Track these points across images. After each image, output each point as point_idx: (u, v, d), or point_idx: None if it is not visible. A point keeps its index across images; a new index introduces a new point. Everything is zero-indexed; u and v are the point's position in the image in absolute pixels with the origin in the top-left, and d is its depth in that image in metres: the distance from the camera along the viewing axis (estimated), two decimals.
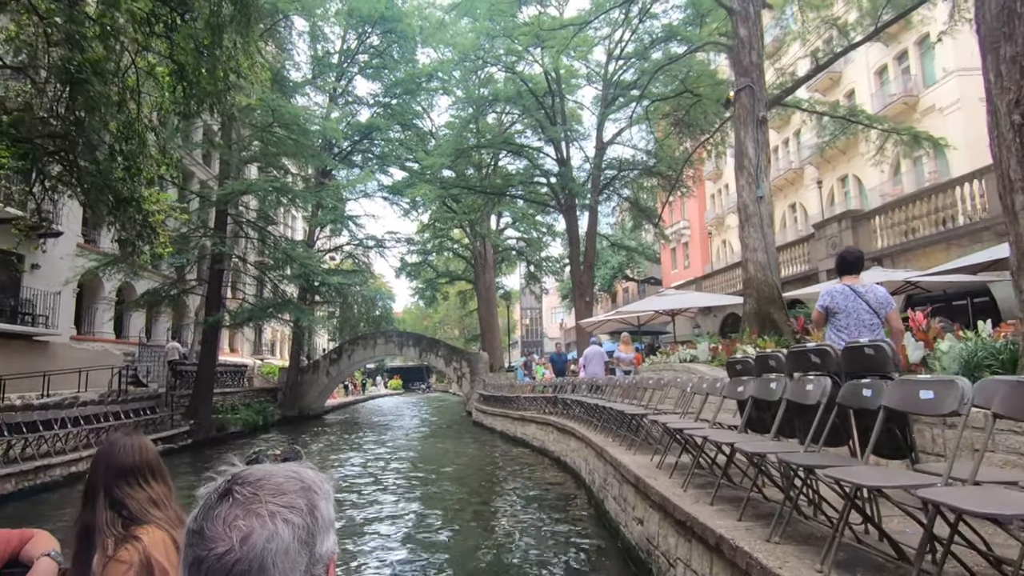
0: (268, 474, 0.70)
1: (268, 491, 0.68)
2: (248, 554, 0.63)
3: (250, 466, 0.72)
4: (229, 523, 0.64)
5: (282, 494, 0.68)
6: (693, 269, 45.44)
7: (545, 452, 13.57)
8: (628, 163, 26.01)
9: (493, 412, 19.28)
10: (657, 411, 6.89)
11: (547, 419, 13.45)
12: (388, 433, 22.12)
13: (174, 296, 18.48)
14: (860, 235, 16.09)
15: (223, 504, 0.66)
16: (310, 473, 0.73)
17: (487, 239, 35.88)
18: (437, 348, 29.06)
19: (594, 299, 29.22)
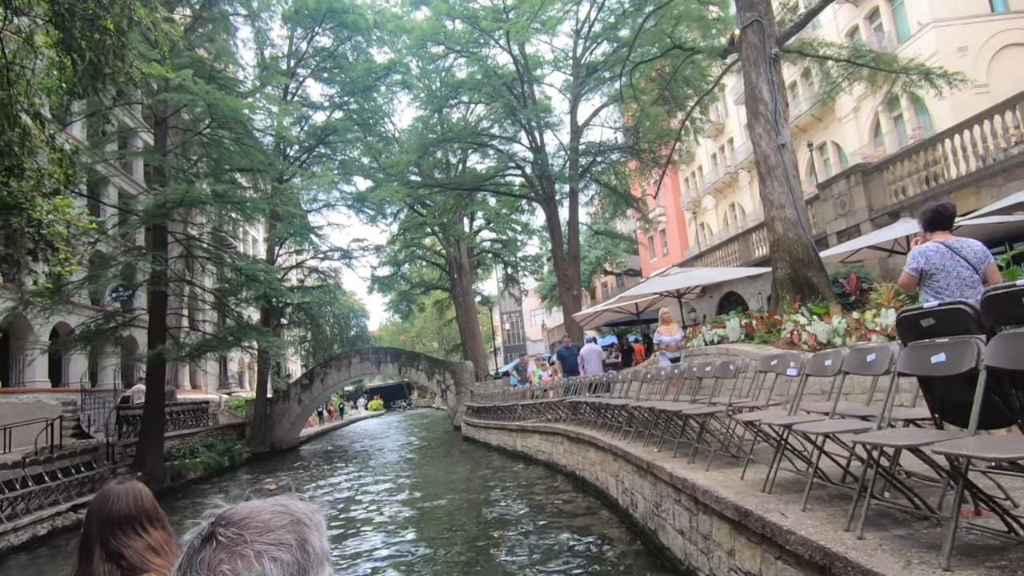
0: (253, 511, 0.65)
1: (254, 530, 0.63)
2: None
3: (235, 505, 0.66)
4: (213, 568, 0.60)
5: (269, 531, 0.63)
6: (673, 256, 44.16)
7: (553, 466, 11.56)
8: (606, 146, 24.28)
9: (486, 425, 17.21)
10: (733, 407, 4.96)
11: (553, 428, 11.45)
12: (371, 460, 19.82)
13: (109, 332, 15.91)
14: (873, 190, 14.57)
15: (206, 548, 0.62)
16: (299, 505, 0.68)
17: (461, 242, 33.84)
18: (417, 361, 26.81)
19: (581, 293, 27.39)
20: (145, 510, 1.65)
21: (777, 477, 4.13)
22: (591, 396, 10.75)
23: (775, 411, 4.51)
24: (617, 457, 7.54)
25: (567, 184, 24.68)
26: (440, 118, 25.91)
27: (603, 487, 8.54)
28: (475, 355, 31.68)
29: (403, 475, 14.83)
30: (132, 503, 1.64)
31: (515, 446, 14.37)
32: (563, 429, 10.78)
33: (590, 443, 9.16)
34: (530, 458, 13.13)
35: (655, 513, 5.86)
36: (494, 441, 16.32)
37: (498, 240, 39.51)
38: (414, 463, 16.97)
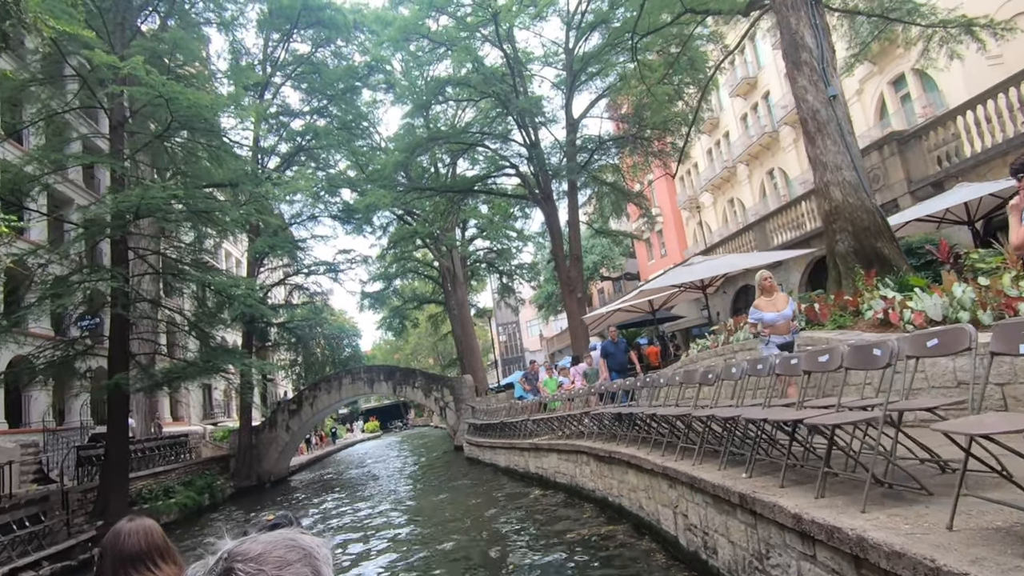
0: (267, 547, 0.65)
1: (272, 564, 0.63)
2: None
3: (244, 540, 0.66)
4: None
5: (288, 565, 0.64)
6: (672, 256, 42.74)
7: (578, 492, 9.74)
8: (605, 139, 22.72)
9: (492, 444, 15.35)
10: (894, 410, 3.22)
11: (575, 445, 9.65)
12: (367, 489, 17.85)
13: (69, 363, 13.96)
14: (912, 160, 13.02)
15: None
16: (307, 539, 0.68)
17: (454, 251, 32.11)
18: (413, 379, 24.89)
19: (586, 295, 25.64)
20: (156, 546, 1.65)
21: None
22: (615, 407, 9.00)
23: (983, 418, 2.79)
24: (676, 483, 5.78)
25: (565, 181, 23.12)
26: (427, 119, 24.35)
27: (651, 519, 6.76)
28: (473, 369, 29.81)
29: (401, 508, 12.91)
30: (143, 540, 1.64)
31: (528, 467, 12.53)
32: (588, 447, 8.99)
33: (629, 464, 7.38)
34: (548, 481, 11.29)
35: (759, 569, 4.09)
36: (502, 462, 14.45)
37: (492, 249, 37.86)
38: (413, 493, 15.05)
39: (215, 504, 18.97)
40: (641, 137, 20.60)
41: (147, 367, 14.59)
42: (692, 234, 42.94)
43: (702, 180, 39.83)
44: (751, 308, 5.57)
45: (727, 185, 37.74)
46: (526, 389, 14.80)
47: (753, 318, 6.00)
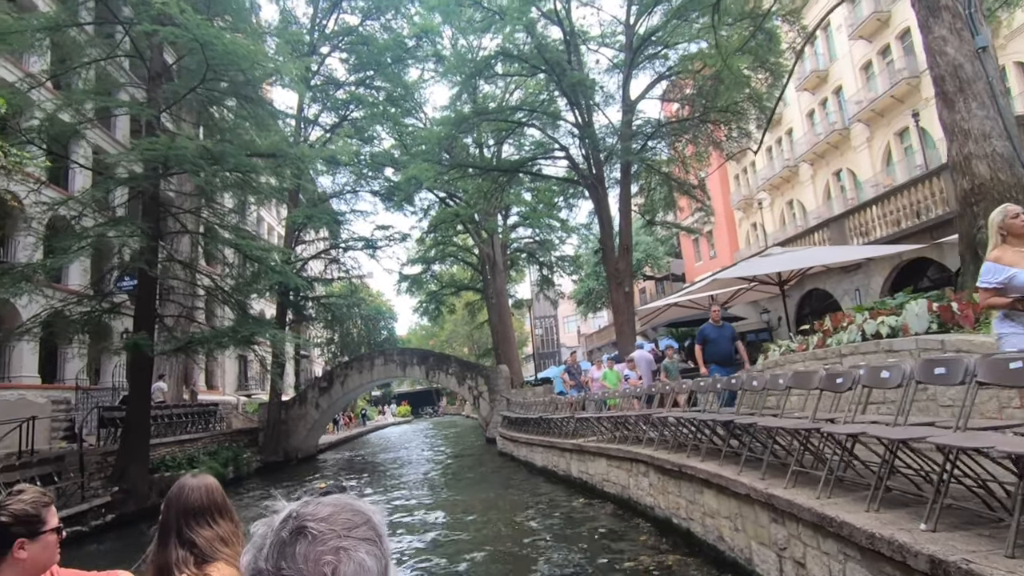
0: (336, 510, 0.66)
1: (342, 525, 0.64)
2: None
3: (307, 503, 0.67)
4: (314, 560, 0.60)
5: (355, 527, 0.65)
6: (721, 259, 40.56)
7: (631, 506, 8.33)
8: (667, 122, 20.98)
9: (528, 441, 14.04)
10: None
11: (632, 452, 8.23)
12: (395, 477, 16.85)
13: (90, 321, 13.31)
14: None
15: (300, 542, 0.62)
16: (366, 504, 0.70)
17: (495, 237, 30.85)
18: (447, 365, 23.77)
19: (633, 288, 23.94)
20: (216, 503, 1.74)
21: None
22: (709, 413, 7.56)
23: None
24: (788, 519, 4.33)
25: (616, 168, 21.57)
26: (474, 99, 23.08)
27: (739, 557, 5.31)
28: (509, 360, 28.57)
29: (430, 504, 11.75)
30: (204, 496, 1.73)
31: (569, 471, 11.16)
32: (649, 455, 7.56)
33: (707, 483, 5.95)
34: (593, 489, 9.90)
35: None
36: (539, 461, 13.12)
37: (533, 239, 36.49)
38: (442, 487, 13.89)
39: (239, 478, 18.29)
40: (706, 120, 18.77)
41: (171, 329, 13.81)
42: (745, 236, 40.62)
43: (759, 179, 37.49)
44: (986, 264, 3.49)
45: (787, 185, 35.34)
46: (570, 385, 13.38)
47: (1000, 278, 3.38)
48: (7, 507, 1.62)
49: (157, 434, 16.21)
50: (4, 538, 1.58)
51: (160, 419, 16.67)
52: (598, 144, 20.52)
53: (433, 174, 18.89)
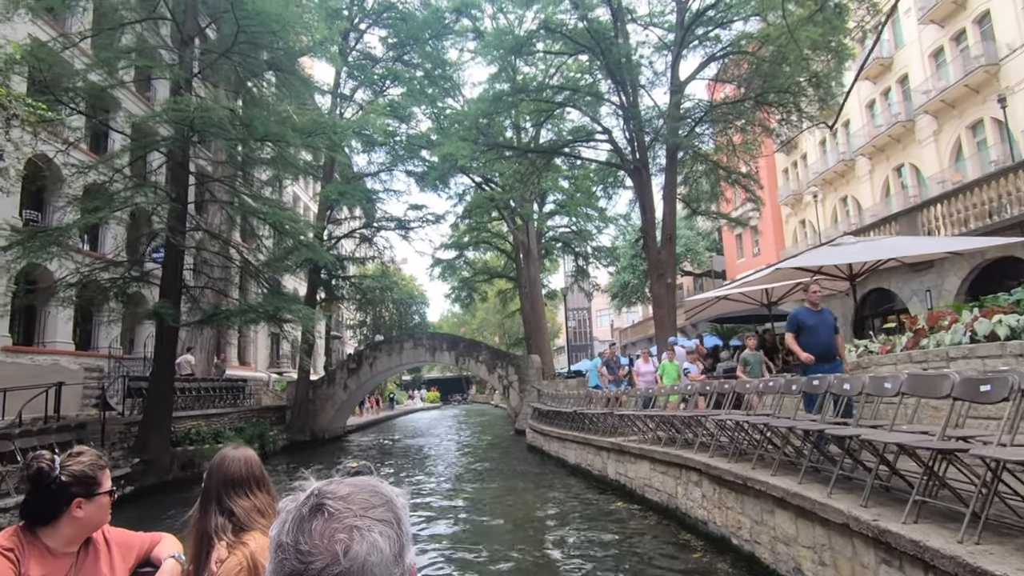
0: (355, 489, 0.67)
1: (359, 505, 0.65)
2: (350, 567, 0.60)
3: (331, 481, 0.69)
4: (328, 537, 0.62)
5: (373, 507, 0.66)
6: (765, 256, 38.64)
7: (679, 517, 7.33)
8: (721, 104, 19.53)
9: (561, 436, 13.10)
10: None
11: (683, 457, 7.20)
12: (420, 463, 16.21)
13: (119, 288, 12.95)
14: None
15: (317, 518, 0.63)
16: (388, 487, 0.71)
17: (530, 223, 29.86)
18: (477, 352, 22.99)
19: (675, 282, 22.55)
20: (254, 475, 1.79)
21: None
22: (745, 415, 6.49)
23: None
24: (928, 570, 3.29)
25: (663, 148, 20.27)
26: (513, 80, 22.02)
27: None
28: (541, 351, 27.66)
29: (456, 497, 10.97)
30: (244, 467, 1.78)
31: (606, 471, 10.18)
32: (704, 463, 6.53)
33: (782, 502, 4.91)
34: (633, 494, 8.91)
35: None
36: (572, 458, 12.17)
37: (570, 227, 35.38)
38: (467, 480, 13.10)
39: (265, 455, 17.87)
40: (763, 102, 17.26)
41: (198, 300, 13.34)
42: (792, 233, 38.61)
43: (810, 174, 35.39)
44: None
45: (841, 181, 33.20)
46: (608, 379, 12.32)
47: None
48: (67, 467, 1.66)
49: (183, 407, 15.93)
50: (64, 496, 1.63)
51: (187, 392, 16.40)
52: (643, 126, 19.27)
53: (469, 152, 17.98)
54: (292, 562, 0.62)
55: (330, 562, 0.60)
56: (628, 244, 42.25)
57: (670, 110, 18.51)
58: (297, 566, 0.61)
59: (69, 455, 1.72)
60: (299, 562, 0.61)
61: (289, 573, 0.61)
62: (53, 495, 1.63)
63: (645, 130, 19.06)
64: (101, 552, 1.75)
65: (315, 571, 0.60)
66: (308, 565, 0.61)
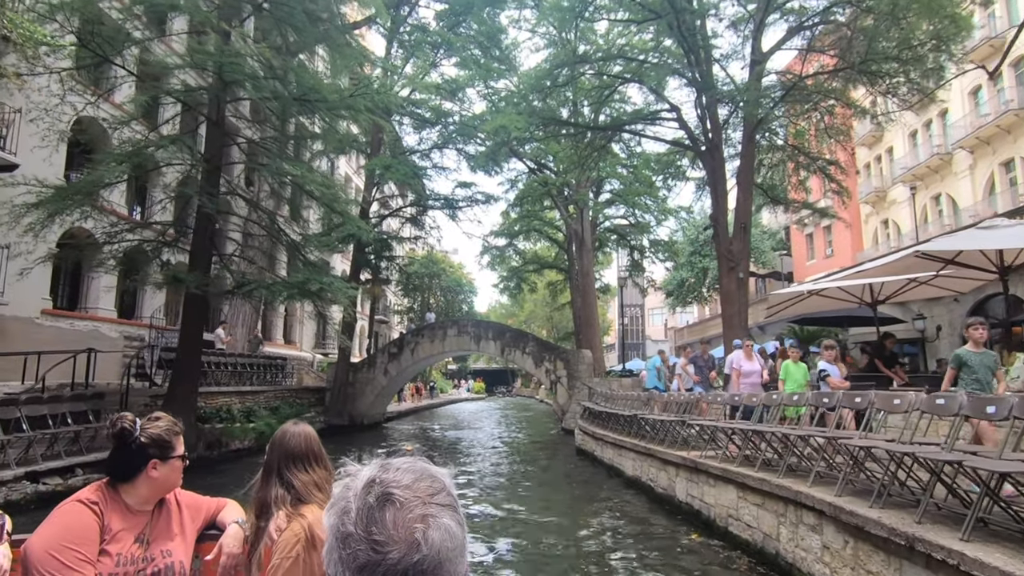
0: (415, 475, 0.67)
1: (425, 492, 0.65)
2: (428, 554, 0.60)
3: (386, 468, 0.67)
4: (403, 526, 0.61)
5: (437, 493, 0.65)
6: (839, 258, 35.28)
7: (783, 568, 5.46)
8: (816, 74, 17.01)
9: (616, 442, 11.29)
10: None
11: (797, 492, 5.31)
12: (459, 458, 14.78)
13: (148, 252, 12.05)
14: None
15: (388, 508, 0.63)
16: (440, 470, 0.70)
17: (585, 211, 27.93)
18: (524, 343, 21.35)
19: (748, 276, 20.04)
20: (312, 451, 1.87)
21: None
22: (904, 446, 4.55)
23: None
24: None
25: (738, 129, 18.00)
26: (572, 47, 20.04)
27: None
28: (591, 347, 25.77)
29: (500, 505, 9.41)
30: (304, 443, 1.87)
31: (673, 490, 8.35)
32: (831, 504, 4.65)
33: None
34: (710, 525, 7.06)
35: None
36: (629, 469, 10.36)
37: (626, 218, 33.19)
38: (507, 483, 11.52)
39: None
40: (865, 71, 14.63)
41: (230, 270, 12.27)
42: (871, 234, 35.05)
43: (897, 169, 31.77)
44: None
45: (934, 177, 29.53)
46: (694, 382, 10.31)
47: None
48: (146, 430, 1.73)
49: (216, 382, 15.08)
50: (142, 456, 1.70)
51: (221, 367, 15.56)
52: (718, 100, 17.06)
53: (523, 125, 16.27)
54: (367, 553, 0.60)
55: (408, 551, 0.60)
56: (688, 240, 39.60)
57: (750, 82, 16.21)
58: (373, 556, 0.60)
59: (148, 419, 1.79)
60: (375, 552, 0.60)
61: (364, 564, 0.60)
62: (132, 454, 1.70)
63: (722, 101, 16.82)
64: (173, 513, 1.82)
65: (393, 560, 0.59)
66: (385, 555, 0.59)
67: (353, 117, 12.53)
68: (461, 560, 0.63)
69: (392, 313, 40.73)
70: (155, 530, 1.74)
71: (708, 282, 41.04)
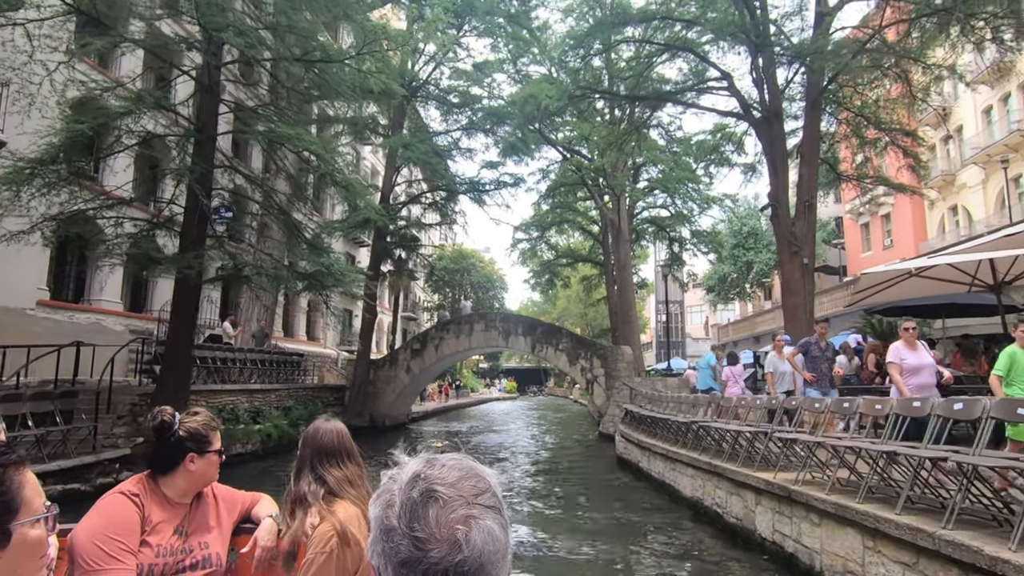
0: (461, 473, 0.65)
1: (469, 492, 0.63)
2: (470, 555, 0.59)
3: (432, 464, 0.66)
4: (446, 525, 0.60)
5: (481, 493, 0.64)
6: (900, 249, 32.16)
7: None
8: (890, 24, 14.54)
9: (669, 453, 9.26)
10: None
11: (974, 550, 3.33)
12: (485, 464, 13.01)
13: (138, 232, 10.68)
14: None
15: (431, 505, 0.61)
16: (486, 469, 0.69)
17: (622, 199, 25.80)
18: (557, 338, 19.38)
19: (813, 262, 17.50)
20: (345, 447, 1.87)
21: None
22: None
23: None
24: None
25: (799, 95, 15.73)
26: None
27: None
28: (629, 344, 23.71)
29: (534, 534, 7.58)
30: (336, 439, 1.86)
31: (751, 522, 6.35)
32: None
33: None
34: (809, 574, 5.07)
35: None
36: (687, 488, 8.36)
37: (666, 207, 30.87)
38: (540, 499, 9.68)
39: None
40: (973, 13, 12.07)
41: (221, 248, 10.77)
42: (937, 222, 31.78)
43: (968, 150, 28.54)
44: None
45: (1015, 156, 26.28)
46: (807, 380, 7.72)
47: None
48: (184, 424, 1.76)
49: (221, 379, 13.72)
50: (180, 450, 1.74)
51: (228, 363, 14.20)
52: (775, 59, 14.81)
53: (555, 95, 14.36)
54: (408, 549, 0.59)
55: (449, 551, 0.58)
56: (731, 232, 36.90)
57: (817, 35, 13.92)
58: (415, 553, 0.59)
59: (187, 414, 1.83)
60: (416, 549, 0.59)
61: (405, 559, 0.59)
62: (171, 447, 1.73)
63: (782, 61, 14.59)
64: (210, 506, 1.86)
65: (434, 560, 0.58)
66: (427, 553, 0.58)
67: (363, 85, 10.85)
68: (503, 563, 0.61)
69: (421, 310, 39.39)
70: (193, 522, 1.77)
71: (752, 277, 38.26)
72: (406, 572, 0.60)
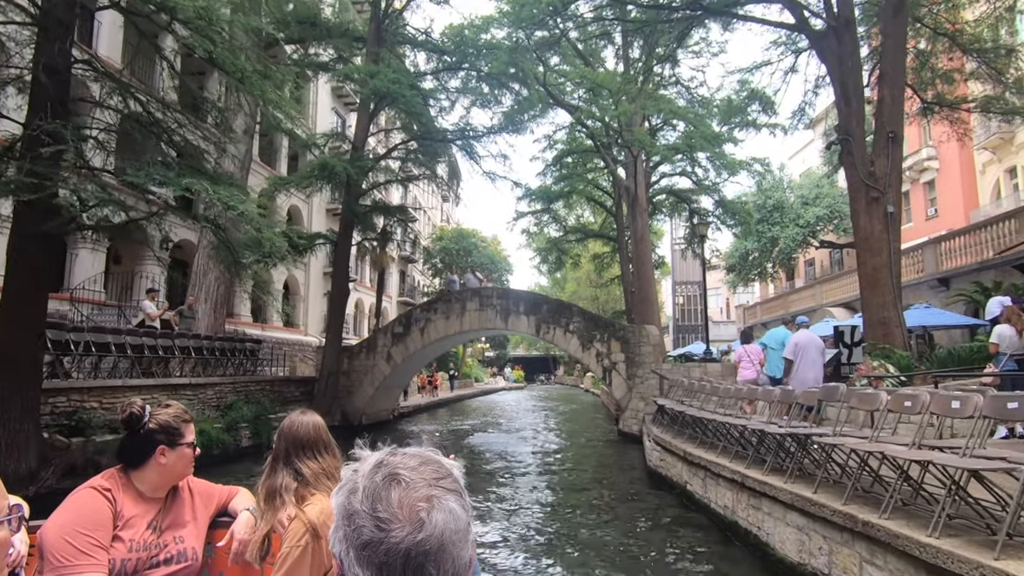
0: (423, 460, 0.66)
1: (431, 475, 0.64)
2: (431, 534, 0.59)
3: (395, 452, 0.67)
4: (408, 505, 0.60)
5: (443, 477, 0.65)
6: (945, 219, 28.27)
7: None
8: None
9: (724, 472, 5.81)
10: None
11: None
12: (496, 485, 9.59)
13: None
14: None
15: (394, 488, 0.62)
16: (446, 459, 0.69)
17: (639, 161, 22.13)
18: (567, 318, 15.72)
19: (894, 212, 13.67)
20: (321, 439, 1.84)
21: None
22: None
23: None
24: None
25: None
26: None
27: None
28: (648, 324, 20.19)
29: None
30: (312, 431, 1.83)
31: None
32: None
33: None
34: None
35: None
36: (786, 544, 4.91)
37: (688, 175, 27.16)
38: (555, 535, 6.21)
39: (260, 447, 11.97)
40: None
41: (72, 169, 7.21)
42: (990, 186, 27.78)
43: None
44: None
45: None
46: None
47: None
48: (155, 416, 1.70)
49: (121, 372, 10.37)
50: (150, 442, 1.67)
51: (145, 350, 10.82)
52: None
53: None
54: (370, 530, 0.59)
55: (412, 530, 0.59)
56: (755, 206, 33.05)
57: None
58: (376, 534, 0.59)
59: (158, 405, 1.76)
60: (378, 529, 0.59)
61: (367, 541, 0.59)
62: (141, 440, 1.68)
63: None
64: (185, 500, 1.81)
65: (396, 539, 0.58)
66: (388, 533, 0.59)
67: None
68: (464, 545, 0.61)
69: (420, 295, 36.04)
70: (168, 517, 1.73)
71: (776, 255, 34.54)
72: (368, 554, 0.58)
